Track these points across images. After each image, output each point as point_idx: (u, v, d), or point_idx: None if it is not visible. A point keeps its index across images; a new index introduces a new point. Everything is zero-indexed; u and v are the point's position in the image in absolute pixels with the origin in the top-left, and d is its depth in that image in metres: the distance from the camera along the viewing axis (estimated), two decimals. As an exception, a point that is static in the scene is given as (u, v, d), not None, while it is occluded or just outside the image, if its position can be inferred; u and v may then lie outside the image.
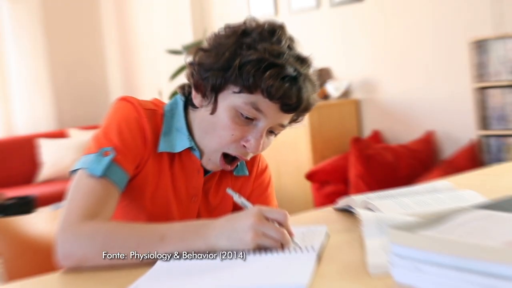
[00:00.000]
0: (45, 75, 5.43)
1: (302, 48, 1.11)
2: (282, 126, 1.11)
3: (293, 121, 1.14)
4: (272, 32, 1.06)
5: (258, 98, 1.04)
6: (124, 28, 5.78)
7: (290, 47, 1.07)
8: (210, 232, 0.93)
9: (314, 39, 4.15)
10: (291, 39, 1.09)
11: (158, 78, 5.31)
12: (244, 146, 1.08)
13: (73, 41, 5.74)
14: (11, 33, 5.26)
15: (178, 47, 4.92)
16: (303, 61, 1.08)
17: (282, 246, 0.91)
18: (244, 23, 1.09)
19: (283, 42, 1.06)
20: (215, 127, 1.08)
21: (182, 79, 4.44)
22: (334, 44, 4.19)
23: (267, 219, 0.92)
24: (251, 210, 0.93)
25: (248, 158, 1.12)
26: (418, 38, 3.74)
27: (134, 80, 5.77)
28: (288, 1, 4.42)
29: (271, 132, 1.11)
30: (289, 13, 4.42)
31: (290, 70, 1.03)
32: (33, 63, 5.34)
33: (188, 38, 5.05)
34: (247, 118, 1.06)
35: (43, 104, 5.41)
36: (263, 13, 4.57)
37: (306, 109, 1.09)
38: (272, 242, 0.90)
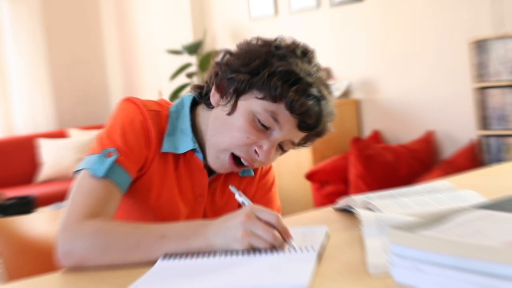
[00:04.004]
0: (45, 75, 5.43)
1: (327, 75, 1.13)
2: (292, 144, 1.12)
3: (301, 143, 1.14)
4: (304, 53, 1.09)
5: (279, 109, 1.05)
6: (124, 28, 5.78)
7: (317, 71, 1.10)
8: (209, 231, 0.94)
9: (314, 39, 4.15)
10: (318, 66, 1.12)
11: (158, 78, 5.32)
12: (256, 151, 1.08)
13: (73, 41, 5.74)
14: (11, 33, 5.26)
15: (178, 47, 4.93)
16: (327, 87, 1.10)
17: (274, 247, 0.91)
18: (276, 39, 1.11)
19: (313, 64, 1.09)
20: (229, 128, 1.08)
21: (182, 79, 4.44)
22: (334, 44, 4.19)
23: (259, 218, 0.92)
24: (243, 209, 0.94)
25: (255, 165, 1.12)
26: (418, 38, 3.75)
27: (134, 80, 5.77)
28: (288, 1, 4.42)
29: (280, 146, 1.11)
30: (289, 13, 4.42)
31: (315, 91, 1.05)
32: (33, 63, 5.35)
33: (188, 38, 5.06)
34: (262, 125, 1.06)
35: (43, 104, 5.41)
36: (263, 13, 4.58)
37: (320, 133, 1.11)
38: (262, 243, 0.90)
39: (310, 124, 1.06)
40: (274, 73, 1.04)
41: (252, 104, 1.06)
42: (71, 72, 5.72)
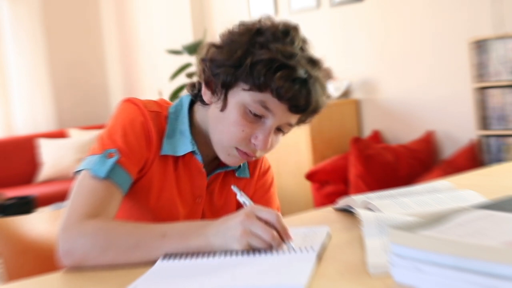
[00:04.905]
0: (45, 75, 5.43)
1: (315, 50, 1.11)
2: (290, 125, 1.11)
3: (301, 121, 1.14)
4: (285, 33, 1.07)
5: (267, 97, 1.04)
6: (124, 28, 5.78)
7: (302, 49, 1.08)
8: (209, 230, 0.94)
9: (314, 39, 4.13)
10: (304, 41, 1.10)
11: (158, 78, 5.31)
12: (254, 144, 1.08)
13: (73, 41, 5.74)
14: (11, 33, 5.26)
15: (178, 47, 4.92)
16: (314, 63, 1.09)
17: (272, 247, 0.91)
18: (259, 21, 1.09)
19: (296, 43, 1.07)
20: (225, 124, 1.08)
21: (182, 79, 4.44)
22: (334, 44, 4.19)
23: (259, 218, 0.92)
24: (244, 209, 0.94)
25: (257, 155, 1.11)
26: (418, 38, 3.75)
27: (134, 80, 5.77)
28: (288, 1, 4.42)
29: (279, 130, 1.11)
30: (289, 13, 4.42)
31: (301, 72, 1.04)
32: (33, 63, 5.35)
33: (188, 38, 5.05)
34: (255, 115, 1.06)
35: (43, 104, 5.41)
36: (263, 13, 4.57)
37: (315, 111, 1.10)
38: (260, 242, 0.90)
39: (301, 106, 1.06)
40: (256, 62, 1.03)
41: (241, 96, 1.06)
42: (71, 72, 5.72)
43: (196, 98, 1.18)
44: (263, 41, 1.05)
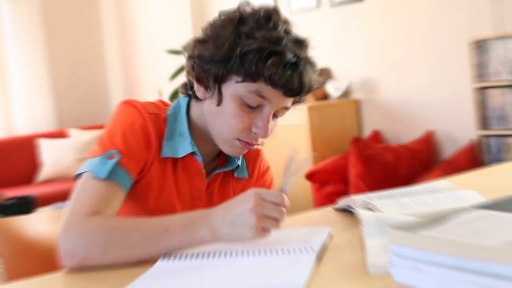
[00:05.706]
0: (45, 75, 5.43)
1: (298, 29, 1.11)
2: (286, 109, 1.13)
3: (296, 102, 1.15)
4: (268, 18, 1.07)
5: (261, 86, 1.05)
6: (124, 28, 5.78)
7: (286, 31, 1.08)
8: (213, 219, 0.93)
9: (314, 39, 4.14)
10: (286, 22, 1.10)
11: (158, 78, 5.31)
12: (255, 132, 1.09)
13: (73, 41, 5.74)
14: (11, 33, 5.26)
15: (178, 47, 4.92)
16: (301, 44, 1.09)
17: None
18: (238, 9, 1.09)
19: (280, 27, 1.07)
20: (223, 117, 1.09)
21: (182, 79, 4.43)
22: (334, 44, 4.19)
23: (265, 201, 0.92)
24: (247, 193, 0.93)
25: (260, 143, 1.12)
26: (418, 38, 3.74)
27: (134, 80, 5.77)
28: (288, 1, 4.42)
29: (275, 116, 1.12)
30: (289, 13, 4.41)
31: (290, 56, 1.04)
32: (33, 63, 5.34)
33: (188, 38, 5.04)
34: (252, 105, 1.07)
35: (43, 104, 5.41)
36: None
37: (309, 91, 1.11)
38: (274, 223, 0.92)
39: (295, 90, 1.06)
40: (245, 53, 1.03)
41: (235, 88, 1.06)
42: (71, 72, 5.72)
43: (191, 97, 1.18)
44: (247, 30, 1.05)
